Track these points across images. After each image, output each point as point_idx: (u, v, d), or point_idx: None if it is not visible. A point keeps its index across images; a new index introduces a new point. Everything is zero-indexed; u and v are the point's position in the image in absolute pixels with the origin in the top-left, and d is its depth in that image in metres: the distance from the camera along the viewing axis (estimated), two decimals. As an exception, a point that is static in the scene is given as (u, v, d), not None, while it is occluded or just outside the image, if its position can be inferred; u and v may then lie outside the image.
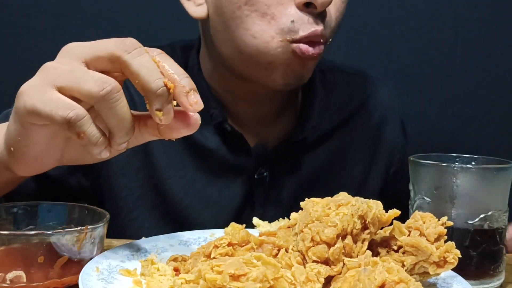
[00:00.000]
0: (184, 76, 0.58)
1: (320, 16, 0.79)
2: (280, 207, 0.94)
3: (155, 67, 0.56)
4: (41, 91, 0.56)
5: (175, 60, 0.95)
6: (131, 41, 0.57)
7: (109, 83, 0.54)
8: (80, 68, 0.56)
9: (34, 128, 0.58)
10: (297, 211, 0.63)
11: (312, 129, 0.95)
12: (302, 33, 0.78)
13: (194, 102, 0.57)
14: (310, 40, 0.79)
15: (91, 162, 0.67)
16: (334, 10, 0.82)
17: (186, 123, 0.60)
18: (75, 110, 0.54)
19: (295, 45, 0.79)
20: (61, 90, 0.56)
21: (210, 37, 0.88)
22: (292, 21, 0.78)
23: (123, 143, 0.57)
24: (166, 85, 0.56)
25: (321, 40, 0.80)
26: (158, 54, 0.58)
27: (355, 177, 1.00)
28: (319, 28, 0.79)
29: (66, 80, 0.55)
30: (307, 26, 0.78)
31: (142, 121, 0.61)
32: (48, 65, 0.58)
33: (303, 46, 0.79)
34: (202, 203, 0.93)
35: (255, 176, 0.93)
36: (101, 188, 0.93)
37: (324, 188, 0.97)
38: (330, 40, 0.84)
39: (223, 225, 0.89)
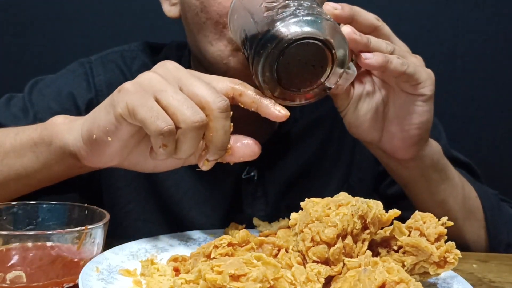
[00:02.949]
0: (263, 95, 0.66)
1: None
2: (268, 205, 0.94)
3: (229, 131, 0.64)
4: (144, 97, 0.61)
5: (171, 59, 0.95)
6: (227, 103, 0.63)
7: (202, 120, 0.61)
8: (180, 92, 0.63)
9: (125, 123, 0.63)
10: (286, 207, 0.63)
11: (294, 122, 0.95)
12: None
13: (281, 109, 0.66)
14: None
15: (145, 171, 0.72)
16: None
17: (252, 151, 0.69)
18: (170, 126, 0.60)
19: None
20: (158, 102, 0.61)
21: None
22: None
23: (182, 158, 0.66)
24: (228, 149, 0.66)
25: None
26: (241, 83, 0.67)
27: (338, 168, 0.99)
28: None
29: (167, 97, 0.61)
30: None
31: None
32: (152, 75, 0.64)
33: None
34: (193, 200, 0.94)
35: (243, 176, 0.93)
36: (99, 179, 0.93)
37: (312, 180, 0.98)
38: None
39: (213, 223, 0.90)
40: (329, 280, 0.55)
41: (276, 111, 0.66)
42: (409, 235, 0.59)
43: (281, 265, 0.51)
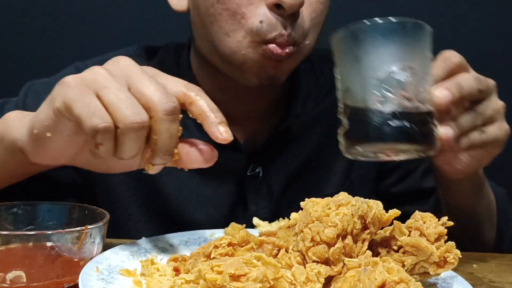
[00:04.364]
0: (216, 110, 0.63)
1: (290, 18, 0.78)
2: (272, 201, 0.95)
3: (176, 135, 0.61)
4: (83, 92, 0.58)
5: (168, 61, 0.96)
6: (175, 106, 0.60)
7: (143, 121, 0.58)
8: (125, 90, 0.59)
9: (63, 119, 0.60)
10: (288, 203, 0.62)
11: (296, 117, 0.95)
12: (269, 35, 0.78)
13: (224, 131, 0.62)
14: (277, 42, 0.79)
15: (100, 172, 0.69)
16: (309, 11, 0.81)
17: (204, 158, 0.65)
18: (106, 124, 0.57)
19: (264, 46, 0.78)
20: (99, 99, 0.58)
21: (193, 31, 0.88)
22: (261, 21, 0.78)
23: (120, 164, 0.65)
24: (174, 154, 0.62)
25: (289, 43, 0.79)
26: (197, 91, 0.64)
27: (341, 164, 0.99)
28: (285, 32, 0.78)
29: (109, 95, 0.58)
30: (274, 28, 0.78)
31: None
32: (98, 70, 0.61)
33: (272, 46, 0.78)
34: (196, 201, 0.93)
35: (248, 174, 0.93)
36: (94, 184, 0.93)
37: (314, 176, 0.98)
38: (307, 42, 0.83)
39: (217, 223, 0.90)
40: (329, 280, 0.55)
41: (217, 131, 0.62)
42: (409, 235, 0.59)
43: (281, 265, 0.51)
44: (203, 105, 0.63)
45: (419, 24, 0.62)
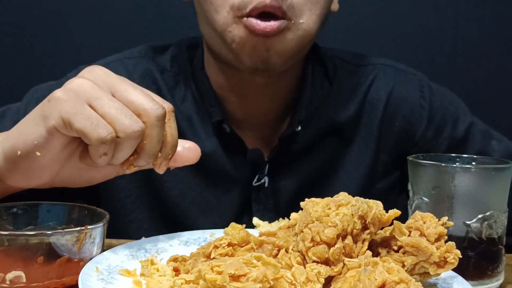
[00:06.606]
0: (173, 145, 0.64)
1: None
2: (279, 213, 0.93)
3: (162, 139, 0.62)
4: (78, 105, 0.58)
5: (181, 58, 0.96)
6: (165, 112, 0.61)
7: (142, 129, 0.60)
8: (116, 99, 0.60)
9: (57, 135, 0.60)
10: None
11: (300, 124, 0.91)
12: (250, 6, 0.78)
13: (163, 164, 0.65)
14: (260, 13, 0.78)
15: (80, 186, 0.69)
16: None
17: (192, 155, 0.69)
18: (112, 133, 0.58)
19: (245, 19, 0.78)
20: (93, 109, 0.59)
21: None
22: None
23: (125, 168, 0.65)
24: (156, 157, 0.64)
25: (276, 14, 0.78)
26: (170, 112, 0.64)
27: (357, 177, 0.96)
28: (267, 1, 0.77)
29: (103, 105, 0.59)
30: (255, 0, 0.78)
31: None
32: (83, 81, 0.60)
33: (253, 20, 0.78)
34: (200, 208, 0.92)
35: (254, 184, 0.92)
36: (97, 190, 0.93)
37: (324, 191, 0.96)
38: (302, 21, 0.81)
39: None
40: (329, 280, 0.55)
41: (159, 167, 0.66)
42: (409, 235, 0.59)
43: (281, 265, 0.51)
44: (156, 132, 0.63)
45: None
